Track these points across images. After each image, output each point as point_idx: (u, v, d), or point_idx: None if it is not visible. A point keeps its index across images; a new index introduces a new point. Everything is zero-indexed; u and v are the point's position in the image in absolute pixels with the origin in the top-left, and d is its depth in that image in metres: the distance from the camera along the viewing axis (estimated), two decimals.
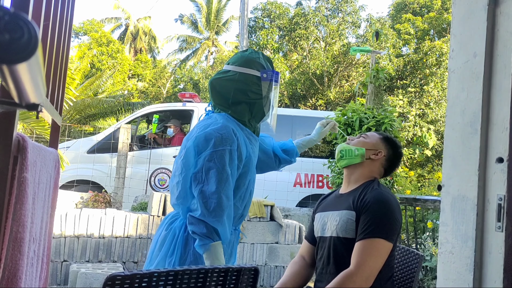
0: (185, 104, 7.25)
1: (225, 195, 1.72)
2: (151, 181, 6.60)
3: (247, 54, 1.97)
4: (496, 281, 0.97)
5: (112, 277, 1.16)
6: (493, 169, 1.01)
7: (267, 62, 1.96)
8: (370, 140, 2.00)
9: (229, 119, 1.87)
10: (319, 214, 2.02)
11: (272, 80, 1.93)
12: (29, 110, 0.65)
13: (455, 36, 1.13)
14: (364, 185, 1.91)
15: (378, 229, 1.74)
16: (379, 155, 1.97)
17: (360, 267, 1.71)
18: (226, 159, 1.74)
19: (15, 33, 0.35)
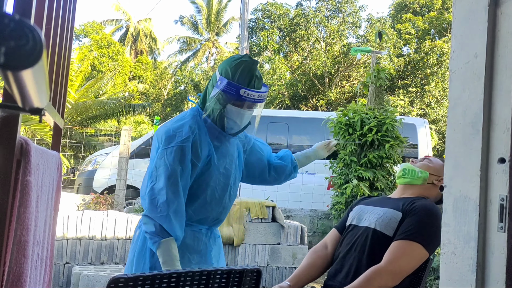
0: None
1: (172, 191, 1.70)
2: None
3: (235, 57, 1.88)
4: (499, 281, 0.97)
5: (115, 279, 1.17)
6: (495, 169, 1.01)
7: (242, 75, 1.78)
8: (434, 165, 2.00)
9: (197, 114, 1.86)
10: (359, 206, 2.02)
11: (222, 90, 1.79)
12: (33, 114, 0.66)
13: (456, 37, 1.14)
14: (416, 197, 1.94)
15: (419, 234, 1.74)
16: (438, 184, 1.97)
17: (390, 264, 1.70)
18: (176, 156, 1.73)
19: (20, 40, 0.35)
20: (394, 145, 4.87)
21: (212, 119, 1.84)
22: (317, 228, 6.03)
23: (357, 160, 4.91)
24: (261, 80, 1.85)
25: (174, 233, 1.68)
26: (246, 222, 4.52)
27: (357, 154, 4.95)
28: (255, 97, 1.80)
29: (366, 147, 4.92)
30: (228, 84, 1.77)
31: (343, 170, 5.02)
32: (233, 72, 1.80)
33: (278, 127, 7.57)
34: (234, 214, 4.50)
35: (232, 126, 1.86)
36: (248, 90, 1.78)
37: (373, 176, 4.78)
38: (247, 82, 1.79)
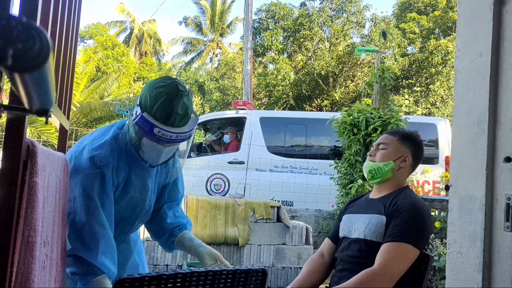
0: (238, 112, 7.61)
1: (98, 224, 1.53)
2: (207, 186, 6.86)
3: (160, 83, 1.57)
4: (505, 281, 0.97)
5: (121, 280, 1.17)
6: (500, 168, 1.00)
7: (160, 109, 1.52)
8: (392, 149, 1.94)
9: (119, 134, 1.66)
10: (347, 215, 2.01)
11: (135, 122, 1.55)
12: (40, 116, 0.66)
13: (461, 36, 1.13)
14: (397, 192, 1.91)
15: (408, 234, 1.73)
16: (407, 160, 1.94)
17: (384, 268, 1.69)
18: (97, 183, 1.54)
19: (28, 42, 0.36)
20: None
21: (132, 145, 1.64)
22: (322, 228, 6.02)
23: (362, 160, 4.90)
24: (185, 115, 1.56)
25: (108, 270, 1.52)
26: (251, 222, 4.53)
27: (362, 154, 4.94)
28: (172, 138, 1.54)
29: (371, 147, 4.91)
30: (142, 118, 1.52)
31: (348, 170, 5.01)
32: (151, 103, 1.52)
33: (297, 128, 7.63)
34: (239, 214, 4.50)
35: (148, 160, 1.65)
36: (164, 130, 1.51)
37: None
38: (164, 119, 1.52)
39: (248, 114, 7.45)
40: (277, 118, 7.78)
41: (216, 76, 22.31)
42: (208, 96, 21.46)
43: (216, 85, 21.15)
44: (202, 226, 4.41)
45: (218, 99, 20.76)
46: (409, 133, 2.00)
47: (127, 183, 1.68)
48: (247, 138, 7.07)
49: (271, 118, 7.68)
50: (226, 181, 6.94)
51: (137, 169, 1.69)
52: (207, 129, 8.40)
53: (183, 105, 1.55)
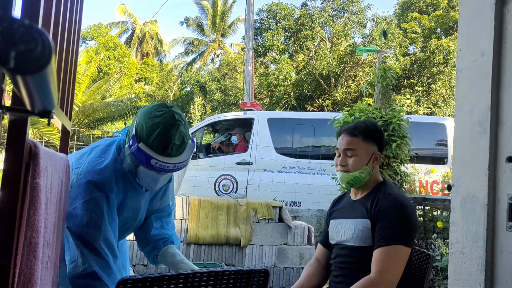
0: (246, 113, 7.67)
1: (108, 247, 1.56)
2: (216, 186, 6.91)
3: (156, 112, 1.55)
4: (508, 280, 0.97)
5: (123, 281, 1.17)
6: (503, 168, 1.00)
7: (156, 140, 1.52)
8: (361, 152, 1.89)
9: (117, 156, 1.66)
10: (333, 221, 2.01)
11: (131, 152, 1.55)
12: (42, 117, 0.66)
13: (463, 36, 1.13)
14: (375, 190, 1.89)
15: (397, 235, 1.72)
16: (378, 157, 1.92)
17: (383, 275, 1.69)
18: (103, 205, 1.56)
19: (30, 44, 0.36)
20: (401, 145, 4.85)
21: (128, 170, 1.64)
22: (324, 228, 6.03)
23: None
24: (182, 145, 1.56)
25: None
26: (253, 222, 4.53)
27: None
28: (169, 168, 1.54)
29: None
30: (138, 149, 1.52)
31: None
32: (147, 134, 1.52)
33: (304, 129, 7.65)
34: (241, 215, 4.51)
35: (145, 186, 1.67)
36: (161, 161, 1.52)
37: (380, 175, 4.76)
38: (161, 150, 1.52)
39: (256, 115, 7.50)
40: (284, 119, 7.80)
41: (217, 76, 22.33)
42: (209, 97, 21.47)
43: (218, 86, 21.17)
44: (204, 227, 4.41)
45: (219, 99, 20.76)
46: (370, 127, 1.93)
47: (122, 206, 1.70)
48: (255, 139, 7.12)
49: (278, 119, 7.70)
50: (234, 181, 6.99)
51: (132, 193, 1.71)
52: (216, 130, 8.48)
53: (180, 135, 1.55)
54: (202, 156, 7.35)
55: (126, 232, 1.86)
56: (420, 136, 6.76)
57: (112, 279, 1.54)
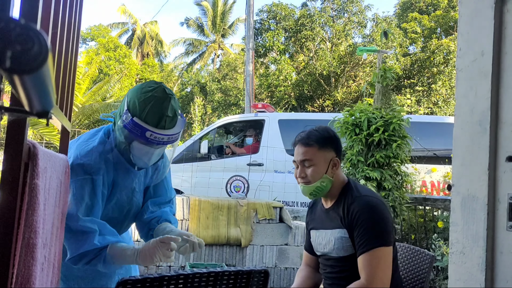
0: (257, 115, 7.78)
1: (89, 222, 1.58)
2: (227, 187, 6.99)
3: (146, 88, 1.61)
4: (509, 281, 0.96)
5: (123, 281, 1.17)
6: (503, 168, 1.00)
7: (150, 114, 1.56)
8: (318, 162, 1.85)
9: (106, 139, 1.70)
10: (313, 231, 2.02)
11: (126, 127, 1.59)
12: (40, 117, 0.66)
13: (462, 35, 1.13)
14: (343, 194, 1.88)
15: (375, 238, 1.72)
16: (337, 163, 1.89)
17: (372, 279, 1.70)
18: (87, 188, 1.59)
19: (26, 44, 0.36)
20: (401, 145, 4.84)
21: (119, 150, 1.68)
22: None
23: (364, 160, 4.89)
24: (174, 117, 1.61)
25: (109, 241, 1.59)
26: (253, 223, 4.52)
27: (364, 154, 4.93)
28: (164, 140, 1.59)
29: (373, 147, 4.90)
30: (132, 122, 1.56)
31: (350, 170, 5.00)
32: (140, 108, 1.57)
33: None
34: (241, 215, 4.50)
35: (139, 163, 1.70)
36: (156, 133, 1.56)
37: (381, 176, 4.76)
38: (156, 123, 1.56)
39: (267, 116, 7.58)
40: (295, 120, 7.85)
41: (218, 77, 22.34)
42: (210, 97, 21.48)
43: (218, 86, 21.17)
44: (205, 227, 4.41)
45: (220, 100, 20.77)
46: (323, 134, 1.91)
47: (114, 186, 1.72)
48: (266, 141, 7.19)
49: (289, 120, 7.76)
50: (246, 182, 7.06)
51: (123, 173, 1.73)
52: (229, 132, 8.60)
53: (172, 108, 1.60)
54: (214, 158, 7.45)
55: (125, 221, 1.85)
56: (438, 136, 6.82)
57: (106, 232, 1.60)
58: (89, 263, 1.58)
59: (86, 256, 1.57)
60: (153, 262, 1.58)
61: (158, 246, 1.57)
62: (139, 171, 1.79)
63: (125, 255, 1.58)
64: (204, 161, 7.16)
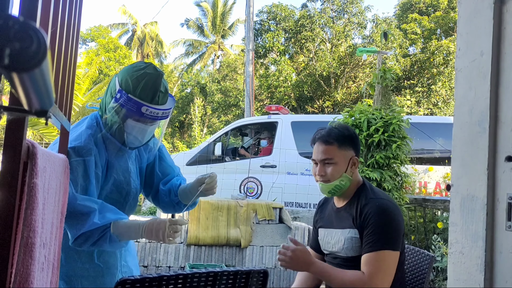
0: (270, 117, 7.90)
1: (87, 200, 1.60)
2: (241, 189, 7.12)
3: (138, 66, 1.67)
4: (508, 281, 0.96)
5: (122, 281, 1.17)
6: (502, 168, 1.00)
7: (144, 90, 1.62)
8: (338, 160, 1.85)
9: (94, 123, 1.73)
10: (322, 230, 2.00)
11: (120, 105, 1.62)
12: (39, 116, 0.66)
13: (462, 35, 1.13)
14: (357, 194, 1.87)
15: (383, 241, 1.72)
16: (356, 162, 1.88)
17: (372, 279, 1.70)
18: (79, 170, 1.62)
19: (25, 42, 0.36)
20: (401, 145, 4.85)
21: (110, 132, 1.71)
22: None
23: (364, 160, 4.89)
24: (166, 94, 1.68)
25: (110, 219, 1.61)
26: (253, 223, 4.52)
27: (364, 154, 4.94)
28: (159, 115, 1.65)
29: (373, 147, 4.90)
30: (127, 98, 1.61)
31: None
32: (134, 85, 1.62)
33: None
34: (241, 216, 4.50)
35: (133, 142, 1.73)
36: (151, 108, 1.62)
37: (380, 176, 4.76)
38: (150, 98, 1.62)
39: (280, 118, 7.68)
40: (308, 122, 7.92)
41: (217, 77, 22.33)
42: (210, 98, 21.48)
43: (218, 87, 21.17)
44: (204, 228, 4.41)
45: (220, 100, 20.77)
46: (343, 133, 1.89)
47: (109, 167, 1.75)
48: (279, 143, 7.29)
49: (302, 122, 7.84)
50: (259, 184, 7.15)
51: (116, 153, 1.76)
52: (243, 134, 8.78)
53: (163, 84, 1.67)
54: (228, 160, 7.58)
55: (126, 205, 1.85)
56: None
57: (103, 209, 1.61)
58: (95, 244, 1.60)
59: (90, 238, 1.58)
60: (158, 238, 1.60)
61: (166, 223, 1.61)
62: (131, 152, 1.83)
63: (130, 230, 1.61)
64: (217, 163, 7.28)
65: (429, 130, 7.38)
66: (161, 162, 1.97)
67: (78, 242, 1.59)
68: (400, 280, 1.84)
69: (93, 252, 1.78)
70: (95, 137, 1.70)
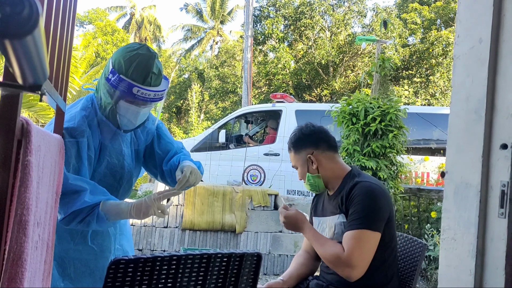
0: (275, 105, 7.94)
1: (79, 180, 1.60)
2: (244, 176, 7.16)
3: (131, 47, 1.64)
4: (499, 267, 0.97)
5: (116, 261, 1.17)
6: (496, 155, 1.00)
7: (136, 70, 1.59)
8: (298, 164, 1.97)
9: (89, 104, 1.71)
10: (316, 219, 2.05)
11: (112, 85, 1.60)
12: (33, 91, 0.65)
13: (461, 22, 1.12)
14: (344, 181, 1.92)
15: (362, 220, 1.76)
16: (314, 158, 1.93)
17: (349, 256, 1.74)
18: (72, 151, 1.61)
19: (16, 7, 0.35)
20: (398, 135, 4.86)
21: (104, 114, 1.70)
22: None
23: (360, 149, 4.90)
24: (159, 75, 1.65)
25: (99, 199, 1.61)
26: (248, 209, 4.54)
27: (360, 143, 4.94)
28: (151, 96, 1.61)
29: (370, 136, 4.91)
30: (119, 79, 1.59)
31: (346, 160, 5.02)
32: (126, 66, 1.59)
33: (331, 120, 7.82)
34: (236, 201, 4.52)
35: (127, 124, 1.71)
36: (143, 89, 1.59)
37: (376, 165, 4.77)
38: (142, 79, 1.59)
39: (284, 107, 7.69)
40: (312, 111, 7.90)
41: (216, 63, 22.22)
42: (207, 84, 21.39)
43: (216, 73, 21.07)
44: (200, 213, 4.42)
45: (217, 86, 20.69)
46: (297, 136, 1.98)
47: (102, 150, 1.74)
48: (283, 131, 7.30)
49: (306, 111, 7.85)
50: (262, 172, 7.20)
51: (109, 136, 1.75)
52: (248, 122, 8.83)
53: (156, 66, 1.64)
54: (232, 147, 7.63)
55: (120, 188, 1.84)
56: None
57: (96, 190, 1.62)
58: (82, 222, 1.60)
59: (79, 215, 1.58)
60: (147, 215, 1.61)
61: (154, 199, 1.61)
62: (126, 134, 1.81)
63: (119, 209, 1.61)
64: (222, 150, 7.34)
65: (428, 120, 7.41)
66: (160, 140, 1.93)
67: (66, 220, 1.59)
68: (392, 267, 1.87)
69: (87, 234, 1.78)
70: (89, 118, 1.69)
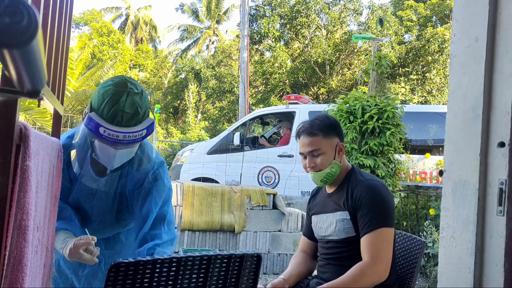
0: (288, 107, 8.00)
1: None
2: (259, 178, 7.22)
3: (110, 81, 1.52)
4: (498, 264, 0.98)
5: (116, 264, 1.17)
6: (494, 153, 1.01)
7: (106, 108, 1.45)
8: (326, 150, 1.90)
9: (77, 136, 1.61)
10: (315, 216, 2.05)
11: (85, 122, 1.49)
12: (30, 97, 0.65)
13: (457, 21, 1.13)
14: (347, 179, 1.93)
15: (379, 219, 1.78)
16: (342, 148, 1.94)
17: (376, 258, 1.74)
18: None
19: (15, 16, 0.35)
20: (395, 133, 4.86)
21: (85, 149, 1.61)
22: None
23: (358, 147, 4.91)
24: (135, 115, 1.47)
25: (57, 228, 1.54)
26: (247, 209, 4.54)
27: (358, 141, 4.95)
28: (119, 138, 1.45)
29: (367, 134, 4.91)
30: (88, 118, 1.46)
31: None
32: (98, 102, 1.47)
33: None
34: (235, 201, 4.52)
35: (106, 163, 1.57)
36: (109, 130, 1.44)
37: (374, 163, 4.78)
38: (111, 118, 1.44)
39: (298, 108, 7.75)
40: None
41: (212, 63, 22.20)
42: (204, 84, 21.37)
43: (213, 73, 21.06)
44: (198, 213, 4.42)
45: (214, 86, 20.68)
46: (325, 122, 1.95)
47: (74, 184, 1.67)
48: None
49: (319, 112, 7.89)
50: (276, 173, 7.25)
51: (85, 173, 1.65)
52: (261, 124, 8.92)
53: (132, 104, 1.47)
54: (247, 149, 7.70)
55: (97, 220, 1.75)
56: None
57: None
58: None
59: None
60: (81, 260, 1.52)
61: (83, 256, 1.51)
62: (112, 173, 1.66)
63: (56, 245, 1.53)
64: (236, 152, 7.41)
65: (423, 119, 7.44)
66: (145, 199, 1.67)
67: None
68: (391, 264, 1.88)
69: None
70: (71, 148, 1.61)
